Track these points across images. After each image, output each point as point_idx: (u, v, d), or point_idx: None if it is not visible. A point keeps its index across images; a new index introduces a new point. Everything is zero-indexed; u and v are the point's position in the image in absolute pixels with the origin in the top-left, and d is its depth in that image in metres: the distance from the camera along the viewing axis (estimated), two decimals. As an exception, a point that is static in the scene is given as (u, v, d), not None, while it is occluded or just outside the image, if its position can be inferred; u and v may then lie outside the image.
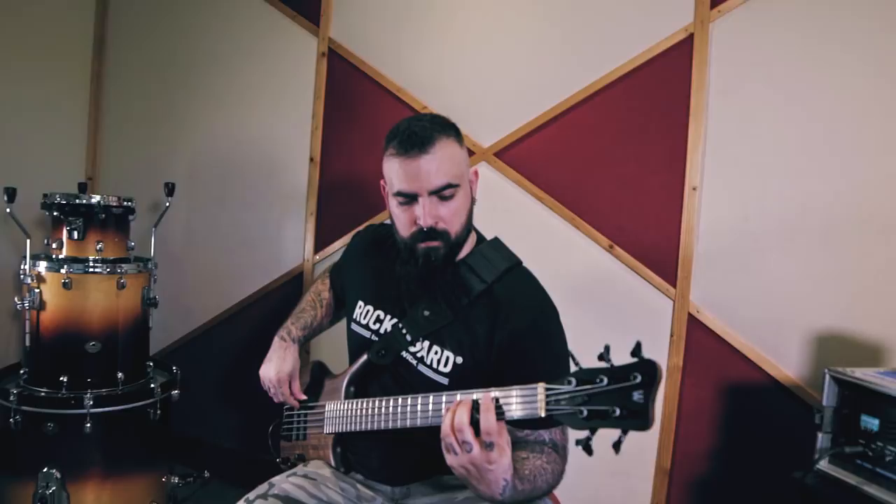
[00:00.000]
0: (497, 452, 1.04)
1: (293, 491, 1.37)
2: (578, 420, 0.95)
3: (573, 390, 0.96)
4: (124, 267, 2.24)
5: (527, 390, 1.03)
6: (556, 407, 0.98)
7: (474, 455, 1.04)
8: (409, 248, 1.37)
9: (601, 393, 0.93)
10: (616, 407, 0.91)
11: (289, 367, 1.57)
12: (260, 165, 2.73)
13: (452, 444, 1.06)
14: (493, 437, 1.03)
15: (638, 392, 0.90)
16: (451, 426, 1.05)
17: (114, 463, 2.18)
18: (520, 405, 1.03)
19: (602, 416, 0.92)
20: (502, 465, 1.05)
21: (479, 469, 1.05)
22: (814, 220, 1.91)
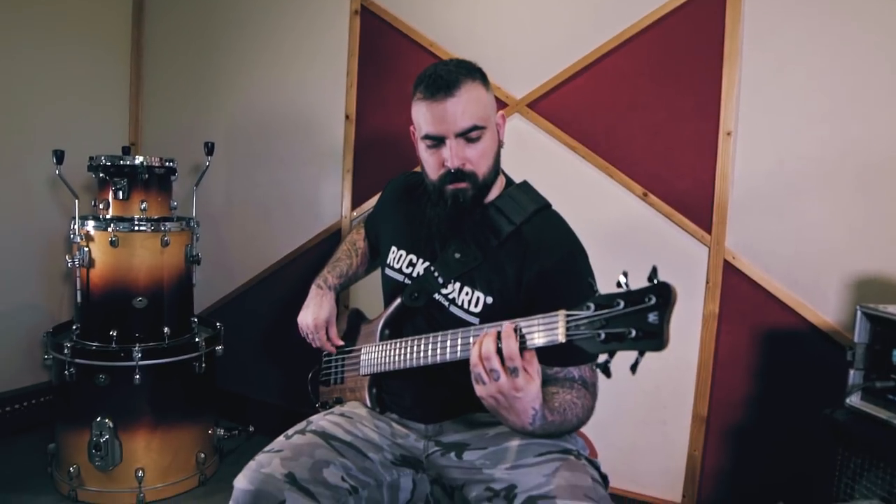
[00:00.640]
0: (523, 380, 1.06)
1: (330, 427, 1.42)
2: (597, 343, 0.97)
3: (591, 315, 0.98)
4: (168, 225, 2.32)
5: (548, 318, 1.05)
6: (576, 332, 1.00)
7: (502, 383, 1.06)
8: (437, 191, 1.39)
9: (618, 316, 0.94)
10: (632, 328, 0.92)
11: (325, 314, 1.62)
12: (296, 124, 2.77)
13: (481, 374, 1.08)
14: (516, 363, 1.05)
15: (653, 313, 0.91)
16: (479, 355, 1.08)
17: (162, 413, 2.29)
18: (542, 333, 1.05)
19: (619, 338, 0.94)
20: (530, 392, 1.08)
21: (508, 397, 1.08)
22: (851, 162, 1.87)
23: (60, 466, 2.30)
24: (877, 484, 1.41)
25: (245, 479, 1.27)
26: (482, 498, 1.26)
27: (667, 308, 0.89)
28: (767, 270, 1.99)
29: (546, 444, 1.29)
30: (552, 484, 1.16)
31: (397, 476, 1.41)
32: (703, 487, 2.12)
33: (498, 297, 1.37)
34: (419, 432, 1.46)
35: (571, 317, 1.00)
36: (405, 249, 1.53)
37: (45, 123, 2.76)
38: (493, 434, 1.37)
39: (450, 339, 1.24)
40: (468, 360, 1.14)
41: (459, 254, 1.42)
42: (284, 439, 1.38)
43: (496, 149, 1.41)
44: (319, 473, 1.29)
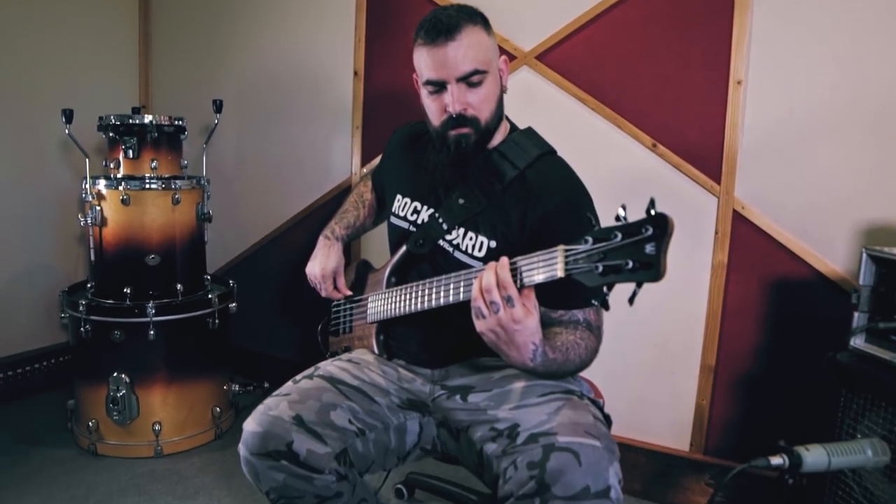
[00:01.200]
0: (521, 311, 1.07)
1: (337, 372, 1.45)
2: (595, 276, 0.97)
3: (590, 248, 0.98)
4: (178, 183, 2.34)
5: (547, 254, 1.05)
6: (575, 266, 1.00)
7: (501, 315, 1.07)
8: (440, 137, 1.39)
9: (616, 248, 0.95)
10: (629, 260, 0.92)
11: (333, 264, 1.64)
12: (305, 81, 2.77)
13: (481, 308, 1.09)
14: (510, 291, 1.06)
15: (650, 244, 0.91)
16: (480, 289, 1.09)
17: (177, 368, 2.34)
18: (542, 269, 1.05)
19: (616, 270, 0.94)
20: (529, 326, 1.09)
21: (507, 330, 1.09)
22: (863, 109, 1.84)
23: (80, 421, 2.37)
24: (878, 423, 1.41)
25: (254, 422, 1.31)
26: (486, 438, 1.28)
27: (663, 238, 0.90)
28: (777, 220, 1.98)
29: (549, 385, 1.31)
30: (554, 421, 1.18)
31: (404, 419, 1.44)
32: (711, 436, 2.14)
33: (502, 240, 1.38)
34: (425, 377, 1.48)
35: (570, 251, 1.01)
36: (410, 197, 1.54)
37: (55, 86, 2.78)
38: (499, 377, 1.39)
39: (452, 282, 1.26)
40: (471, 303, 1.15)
41: (463, 199, 1.42)
42: (292, 384, 1.41)
43: (498, 94, 1.41)
44: (326, 416, 1.32)
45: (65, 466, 2.22)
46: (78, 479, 2.14)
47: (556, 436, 1.13)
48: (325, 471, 1.27)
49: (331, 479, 1.28)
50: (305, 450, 1.26)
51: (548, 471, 1.08)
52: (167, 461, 2.29)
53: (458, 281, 1.24)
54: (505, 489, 1.16)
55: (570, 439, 1.12)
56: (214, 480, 2.17)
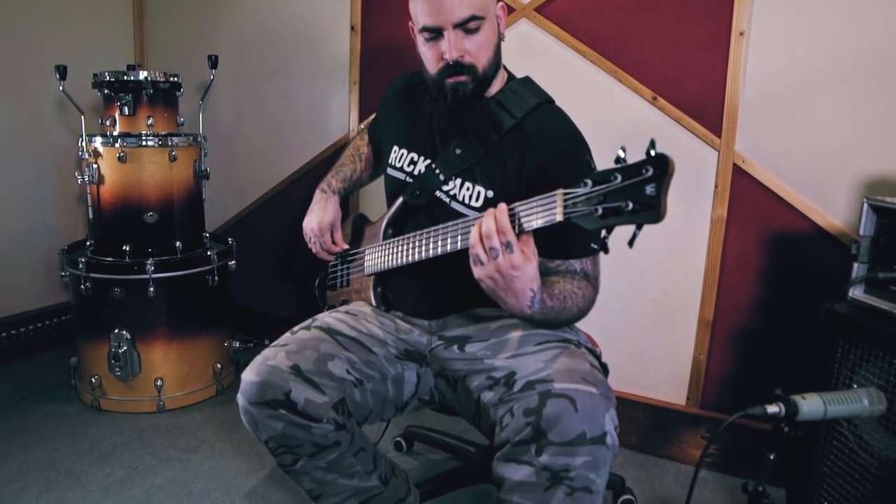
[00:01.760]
0: (520, 257, 1.06)
1: (335, 324, 1.45)
2: (594, 219, 0.96)
3: (589, 191, 0.97)
4: (175, 140, 2.32)
5: (546, 198, 1.04)
6: (574, 210, 0.99)
7: (499, 261, 1.06)
8: (437, 85, 1.37)
9: (616, 190, 0.94)
10: (629, 201, 0.91)
11: (330, 217, 1.63)
12: (301, 37, 2.73)
13: (479, 254, 1.08)
14: (508, 237, 1.05)
15: (650, 185, 0.90)
16: (479, 235, 1.08)
17: (178, 325, 2.35)
18: (540, 213, 1.04)
19: (616, 212, 0.93)
20: (528, 272, 1.08)
21: (505, 276, 1.08)
22: (867, 60, 1.80)
23: (82, 378, 2.39)
24: (874, 373, 1.42)
25: (252, 372, 1.31)
26: (483, 387, 1.29)
27: (664, 179, 0.89)
28: (777, 173, 1.96)
29: (546, 334, 1.31)
30: (550, 369, 1.18)
31: (401, 370, 1.45)
32: (707, 390, 2.16)
33: (499, 190, 1.37)
34: (423, 328, 1.49)
35: (569, 194, 1.00)
36: (406, 148, 1.52)
37: (49, 45, 2.74)
38: (496, 327, 1.39)
39: (450, 230, 1.25)
40: (468, 253, 1.14)
41: (460, 149, 1.41)
42: (290, 335, 1.42)
43: (496, 41, 1.38)
44: (324, 366, 1.33)
45: (69, 421, 2.25)
46: (82, 433, 2.17)
47: (553, 382, 1.13)
48: (323, 420, 1.28)
49: (329, 429, 1.30)
50: (303, 399, 1.27)
51: (544, 417, 1.09)
52: (169, 416, 2.31)
53: (456, 229, 1.23)
54: (501, 436, 1.16)
55: (567, 386, 1.12)
56: (216, 434, 2.20)
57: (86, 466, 1.98)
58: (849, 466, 1.47)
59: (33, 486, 1.87)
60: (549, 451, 1.08)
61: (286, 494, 1.88)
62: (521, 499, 1.14)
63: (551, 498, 1.10)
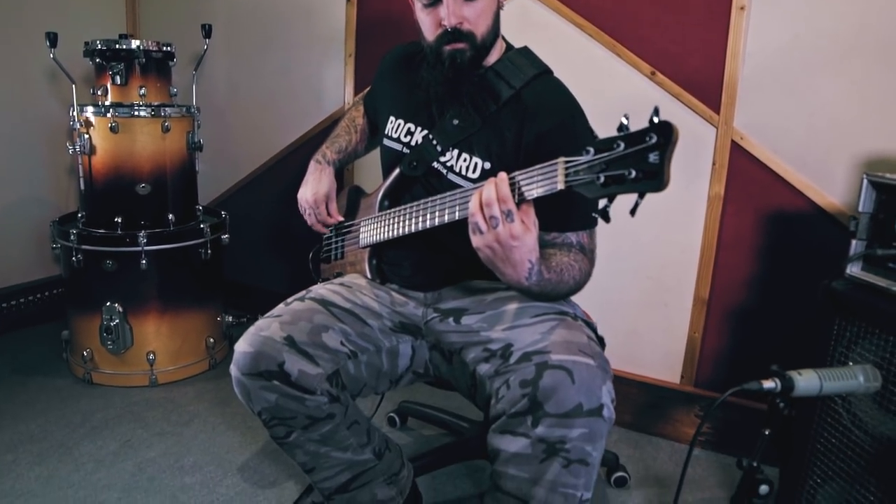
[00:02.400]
0: (520, 227, 1.05)
1: (329, 295, 1.44)
2: (596, 188, 0.95)
3: (591, 159, 0.95)
4: (168, 110, 2.29)
5: (547, 167, 1.03)
6: (575, 178, 0.97)
7: (499, 230, 1.05)
8: (435, 53, 1.35)
9: (618, 158, 0.92)
10: (632, 169, 0.90)
11: (325, 188, 1.60)
12: (297, 7, 2.68)
13: (479, 223, 1.07)
14: (509, 205, 1.04)
15: (654, 153, 0.88)
16: (479, 203, 1.06)
17: (170, 298, 2.33)
18: (541, 182, 1.03)
19: (619, 180, 0.92)
20: (527, 242, 1.07)
21: (504, 246, 1.07)
22: (870, 37, 1.78)
23: (74, 351, 2.37)
24: (870, 350, 1.41)
25: (245, 342, 1.29)
26: (479, 359, 1.28)
27: (668, 147, 0.87)
28: (776, 151, 1.95)
29: (543, 306, 1.30)
30: (547, 340, 1.17)
31: (396, 343, 1.44)
32: (701, 369, 2.15)
33: (496, 161, 1.35)
34: (419, 300, 1.47)
35: (570, 162, 0.98)
36: (403, 118, 1.50)
37: (39, 12, 2.68)
38: (492, 299, 1.38)
39: (448, 201, 1.24)
40: (465, 224, 1.13)
41: (458, 120, 1.39)
42: (284, 306, 1.40)
43: (495, 8, 1.36)
44: (318, 337, 1.32)
45: (60, 394, 2.24)
46: (74, 406, 2.16)
47: (550, 354, 1.12)
48: (317, 391, 1.27)
49: (323, 401, 1.28)
50: (297, 370, 1.25)
51: (540, 388, 1.08)
52: (162, 390, 2.30)
53: (454, 200, 1.22)
54: (497, 408, 1.16)
55: (564, 357, 1.11)
56: (209, 408, 2.19)
57: (77, 439, 1.97)
58: (842, 443, 1.47)
59: (25, 459, 1.86)
60: (546, 422, 1.08)
61: (279, 468, 1.87)
62: (516, 471, 1.13)
63: (547, 469, 1.10)
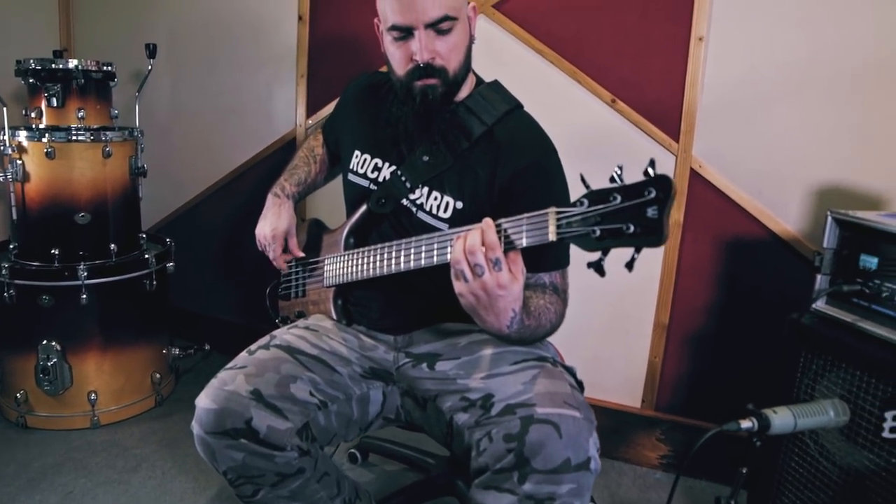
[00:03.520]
0: (508, 277, 1.01)
1: (295, 341, 1.37)
2: (591, 241, 0.92)
3: (585, 211, 0.92)
4: (109, 134, 2.16)
5: (537, 216, 0.99)
6: (568, 230, 0.94)
7: (486, 279, 1.01)
8: (405, 88, 1.30)
9: (614, 211, 0.89)
10: (630, 224, 0.87)
11: (285, 224, 1.53)
12: (245, 25, 2.59)
13: (464, 270, 1.02)
14: (497, 254, 1.00)
15: (652, 208, 0.86)
16: (464, 250, 1.02)
17: (113, 334, 2.20)
18: (531, 230, 0.99)
19: (615, 234, 0.89)
20: (513, 292, 1.03)
21: (490, 294, 1.03)
22: (822, 70, 1.83)
23: (7, 393, 2.21)
24: (837, 384, 1.43)
25: (208, 398, 1.21)
26: (457, 408, 1.23)
27: (667, 202, 0.85)
28: (733, 179, 1.97)
29: (521, 351, 1.26)
30: (531, 391, 1.13)
31: (367, 389, 1.38)
32: (662, 393, 2.17)
33: (469, 201, 1.32)
34: (388, 344, 1.42)
35: (563, 213, 0.95)
36: (370, 153, 1.44)
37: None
38: (466, 343, 1.34)
39: (424, 244, 1.19)
40: (439, 267, 1.09)
41: (428, 156, 1.34)
42: (247, 355, 1.32)
43: (468, 43, 1.32)
44: (286, 389, 1.25)
45: (-8, 441, 2.08)
46: (7, 455, 2.00)
47: (535, 407, 1.09)
48: (287, 447, 1.20)
49: (293, 456, 1.22)
50: (266, 426, 1.18)
51: (527, 444, 1.04)
52: (105, 432, 2.17)
53: (431, 243, 1.17)
54: (479, 461, 1.11)
55: (550, 410, 1.07)
56: (157, 450, 2.07)
57: (13, 494, 1.82)
58: (810, 474, 1.49)
59: (-47, 517, 1.72)
60: (533, 479, 1.04)
61: (237, 515, 1.78)
62: (502, 528, 1.09)
63: (535, 526, 1.06)
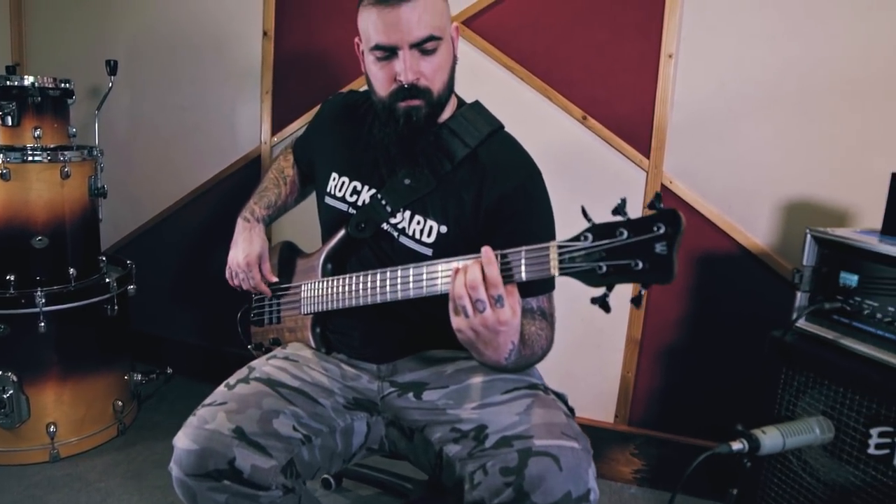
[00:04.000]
0: (509, 312, 0.98)
1: (275, 373, 1.32)
2: (596, 277, 0.90)
3: (590, 246, 0.90)
4: (67, 154, 2.07)
5: (536, 250, 0.97)
6: (571, 265, 0.92)
7: (487, 315, 0.98)
8: (388, 109, 1.26)
9: (621, 247, 0.87)
10: (638, 260, 0.86)
11: (257, 249, 1.48)
12: (208, 41, 2.53)
13: (465, 306, 0.99)
14: (500, 290, 0.97)
15: (661, 243, 0.84)
16: (465, 284, 0.98)
17: (72, 363, 2.11)
18: (530, 265, 0.97)
19: (623, 270, 0.87)
20: (513, 326, 1.01)
21: (491, 330, 1.00)
22: (790, 86, 1.86)
23: (-40, 426, 2.09)
24: (819, 400, 1.45)
25: (188, 438, 1.15)
26: (447, 439, 1.20)
27: (676, 237, 0.83)
28: (703, 195, 1.99)
29: (510, 379, 1.24)
30: (527, 422, 1.11)
31: (351, 421, 1.33)
32: (635, 408, 2.17)
33: (453, 225, 1.29)
34: (371, 373, 1.38)
35: (565, 248, 0.93)
36: (348, 176, 1.40)
37: None
38: (453, 371, 1.31)
39: (413, 274, 1.15)
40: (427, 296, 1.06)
41: (410, 179, 1.31)
42: (226, 390, 1.27)
43: (452, 63, 1.30)
44: (269, 425, 1.20)
45: (-58, 479, 1.96)
46: (-40, 493, 1.90)
47: (533, 439, 1.06)
48: (272, 486, 1.15)
49: (277, 495, 1.17)
50: (249, 466, 1.13)
51: (527, 477, 1.02)
52: (66, 465, 2.06)
53: (420, 273, 1.14)
54: (474, 495, 1.08)
55: (548, 442, 1.05)
56: (121, 483, 1.98)
57: (-32, 535, 1.73)
58: (794, 490, 1.50)
59: None
60: (533, 513, 1.01)
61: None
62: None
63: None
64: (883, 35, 1.76)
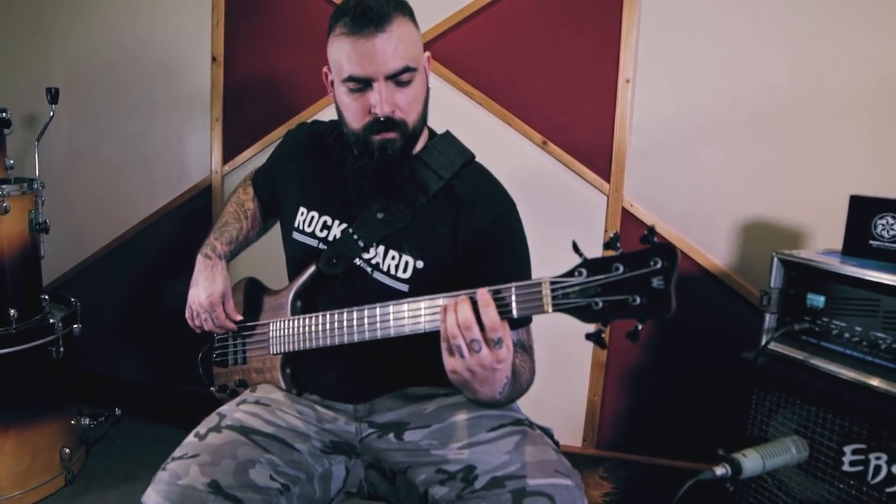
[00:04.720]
0: (506, 350, 0.96)
1: (248, 420, 1.25)
2: (591, 313, 0.88)
3: (585, 281, 0.89)
4: (5, 188, 1.96)
5: (528, 286, 0.94)
6: (565, 301, 0.90)
7: (483, 355, 0.95)
8: (361, 142, 1.22)
9: (617, 282, 0.86)
10: (636, 295, 0.84)
11: (220, 287, 1.41)
12: (154, 67, 2.45)
13: (461, 346, 0.95)
14: (499, 333, 0.94)
15: (658, 278, 0.83)
16: (458, 325, 0.95)
17: (15, 411, 1.99)
18: (522, 301, 0.95)
19: (619, 306, 0.86)
20: (509, 363, 0.98)
21: (488, 369, 0.97)
22: (743, 111, 1.92)
23: None
24: (791, 419, 1.47)
25: (159, 496, 1.08)
26: (433, 481, 1.16)
27: (673, 271, 0.82)
28: (662, 217, 2.02)
29: (495, 416, 1.21)
30: (519, 462, 1.08)
31: (329, 465, 1.28)
32: (602, 430, 2.18)
33: (430, 259, 1.25)
34: (348, 413, 1.32)
35: (558, 284, 0.91)
36: (317, 210, 1.35)
37: None
38: (433, 409, 1.27)
39: (393, 311, 1.11)
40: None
41: (383, 213, 1.27)
42: (197, 440, 1.20)
43: (426, 94, 1.26)
44: (246, 476, 1.13)
45: None
46: None
47: (526, 478, 1.04)
48: (250, 541, 1.09)
49: (257, 549, 1.10)
50: (227, 522, 1.07)
51: (522, 519, 0.98)
52: (10, 521, 1.94)
53: (400, 311, 1.10)
54: (465, 538, 1.05)
55: (542, 481, 1.03)
56: (73, 537, 1.87)
57: None
58: (768, 508, 1.51)
59: None
60: (529, 556, 0.98)
61: None
62: None
63: None
64: (833, 63, 1.83)
